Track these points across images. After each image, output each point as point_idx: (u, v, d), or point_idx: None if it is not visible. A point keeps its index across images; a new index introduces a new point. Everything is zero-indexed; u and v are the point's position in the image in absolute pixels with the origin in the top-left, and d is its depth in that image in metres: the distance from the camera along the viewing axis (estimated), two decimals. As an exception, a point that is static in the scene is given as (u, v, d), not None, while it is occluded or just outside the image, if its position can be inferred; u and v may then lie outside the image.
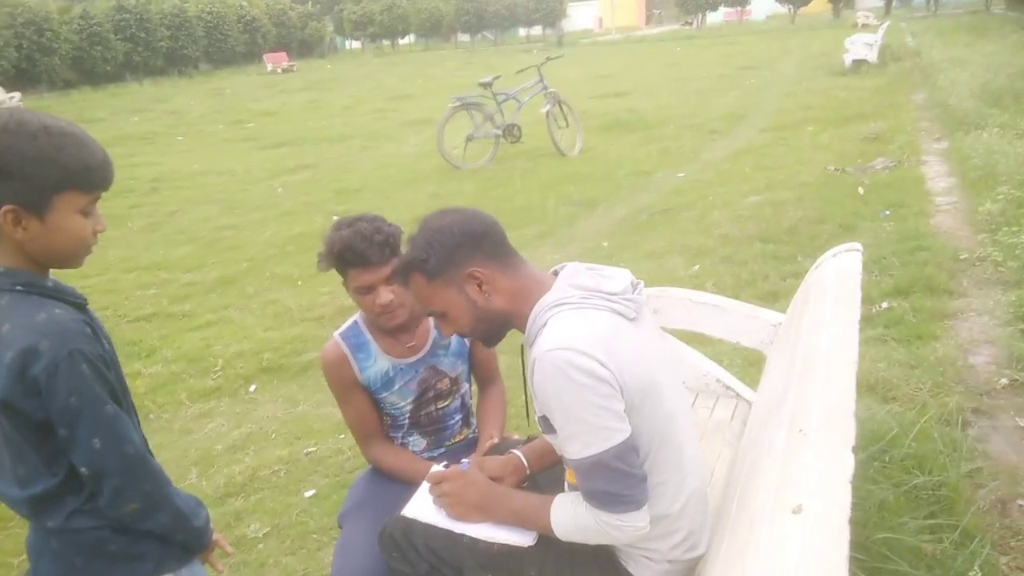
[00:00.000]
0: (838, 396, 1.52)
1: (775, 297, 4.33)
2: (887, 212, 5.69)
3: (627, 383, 1.44)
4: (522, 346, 1.68)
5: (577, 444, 1.43)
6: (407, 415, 2.22)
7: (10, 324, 1.29)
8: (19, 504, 1.42)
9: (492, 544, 1.66)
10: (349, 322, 2.18)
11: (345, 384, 2.13)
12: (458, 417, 2.34)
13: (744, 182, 7.36)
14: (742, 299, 3.07)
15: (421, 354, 2.17)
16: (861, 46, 15.59)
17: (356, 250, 1.92)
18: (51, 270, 1.41)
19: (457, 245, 1.56)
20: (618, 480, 1.44)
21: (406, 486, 2.17)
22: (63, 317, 1.33)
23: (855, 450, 1.33)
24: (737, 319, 2.54)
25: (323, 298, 5.27)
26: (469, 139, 9.47)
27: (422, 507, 1.75)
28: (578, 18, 47.82)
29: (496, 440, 2.10)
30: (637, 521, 1.47)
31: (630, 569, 1.61)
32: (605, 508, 1.46)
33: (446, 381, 2.24)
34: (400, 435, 2.27)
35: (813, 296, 2.17)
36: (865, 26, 29.01)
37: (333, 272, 1.99)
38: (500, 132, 9.53)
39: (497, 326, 1.62)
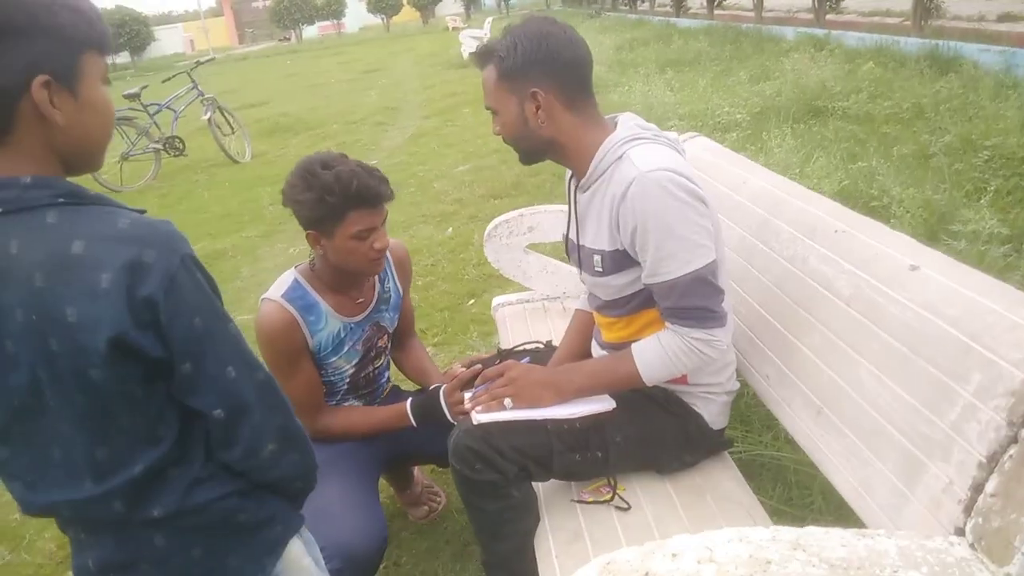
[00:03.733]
0: (835, 207, 1.75)
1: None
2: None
3: (710, 208, 1.52)
4: (569, 184, 1.69)
5: (676, 262, 1.46)
6: (347, 379, 2.02)
7: (84, 240, 0.93)
8: (97, 504, 1.03)
9: (574, 422, 1.61)
10: (288, 282, 1.88)
11: (294, 352, 1.86)
12: (387, 374, 2.20)
13: (440, 158, 7.64)
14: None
15: (368, 311, 1.99)
16: (472, 41, 16.97)
17: (372, 188, 1.72)
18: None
19: (536, 61, 1.51)
20: (711, 295, 1.51)
21: (363, 442, 1.99)
22: (150, 219, 1.00)
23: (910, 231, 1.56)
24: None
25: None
26: (124, 158, 8.40)
27: (489, 412, 1.62)
28: (167, 42, 44.56)
29: (479, 366, 1.94)
30: (723, 336, 1.54)
31: (697, 408, 1.69)
32: (699, 324, 1.51)
33: (385, 338, 2.09)
34: (335, 402, 2.06)
35: (699, 169, 2.42)
36: (456, 28, 31.52)
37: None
38: (160, 146, 8.63)
39: (538, 149, 1.62)
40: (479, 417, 1.60)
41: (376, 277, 2.01)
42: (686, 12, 18.61)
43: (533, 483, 1.67)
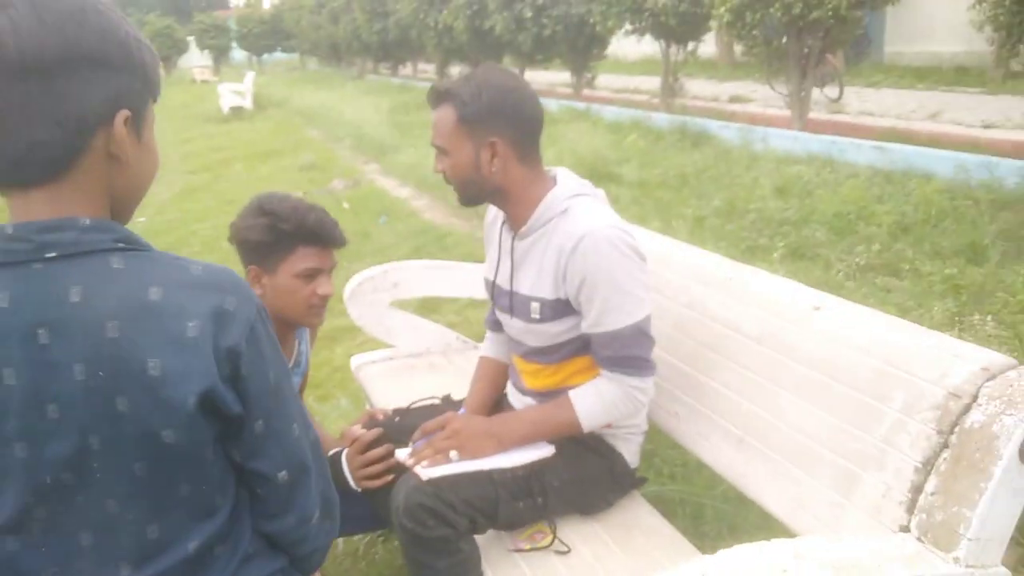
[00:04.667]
0: (711, 256, 1.98)
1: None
2: (384, 218, 6.39)
3: (646, 264, 1.65)
4: (501, 229, 1.78)
5: (620, 314, 1.58)
6: None
7: (161, 287, 0.86)
8: None
9: (516, 470, 1.64)
10: None
11: None
12: None
13: (221, 215, 7.22)
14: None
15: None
16: (233, 95, 16.40)
17: (326, 225, 1.66)
18: None
19: (500, 112, 1.56)
20: (647, 346, 1.64)
21: None
22: (217, 265, 0.93)
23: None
24: (465, 275, 2.77)
25: None
26: None
27: (434, 466, 1.60)
28: None
29: (378, 429, 1.89)
30: (651, 384, 1.68)
31: (619, 449, 1.79)
32: (636, 373, 1.63)
33: None
34: None
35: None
36: (205, 81, 30.21)
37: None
38: None
39: (484, 194, 1.68)
40: (428, 472, 1.58)
41: (297, 338, 1.90)
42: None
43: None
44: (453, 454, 1.62)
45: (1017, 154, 6.95)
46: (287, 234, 1.64)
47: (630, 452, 1.80)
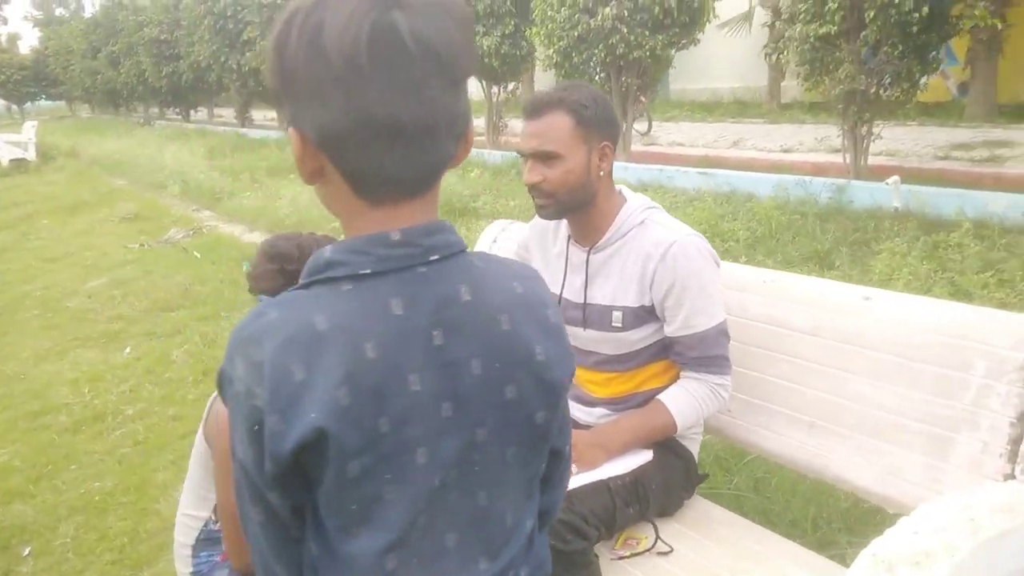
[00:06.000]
0: (737, 266, 2.13)
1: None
2: (247, 264, 6.05)
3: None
4: (576, 244, 1.80)
5: (705, 316, 1.68)
6: None
7: (518, 280, 0.90)
8: None
9: (625, 477, 1.68)
10: None
11: None
12: None
13: (50, 274, 6.51)
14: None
15: None
16: (11, 147, 14.84)
17: None
18: None
19: (609, 120, 1.65)
20: (727, 345, 1.75)
21: None
22: None
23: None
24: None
25: None
26: None
27: None
28: None
29: None
30: (730, 380, 1.78)
31: (689, 448, 1.88)
32: (720, 371, 1.73)
33: None
34: None
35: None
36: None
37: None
38: None
39: (581, 202, 1.69)
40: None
41: None
42: (251, 123, 18.77)
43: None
44: (572, 467, 1.62)
45: (819, 172, 7.93)
46: (294, 274, 1.59)
47: (695, 452, 1.89)
